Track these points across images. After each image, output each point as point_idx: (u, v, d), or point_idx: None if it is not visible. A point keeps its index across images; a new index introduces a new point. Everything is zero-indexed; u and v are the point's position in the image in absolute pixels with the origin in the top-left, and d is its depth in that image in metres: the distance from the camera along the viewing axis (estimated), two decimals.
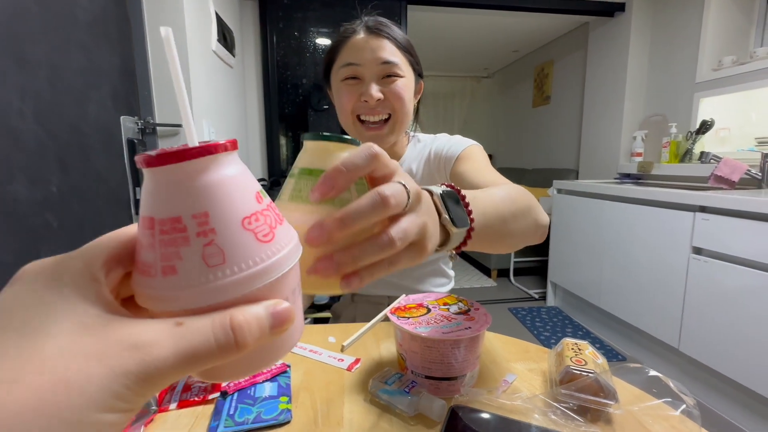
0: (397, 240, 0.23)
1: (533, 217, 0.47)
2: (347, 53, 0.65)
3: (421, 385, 0.45)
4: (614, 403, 0.40)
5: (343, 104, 0.67)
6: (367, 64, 0.63)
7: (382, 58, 0.63)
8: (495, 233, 0.40)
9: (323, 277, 0.23)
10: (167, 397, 0.45)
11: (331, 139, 0.26)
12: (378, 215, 0.23)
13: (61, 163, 0.93)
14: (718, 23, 1.99)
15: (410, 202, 0.25)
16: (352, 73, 0.65)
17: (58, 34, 0.92)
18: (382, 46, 0.64)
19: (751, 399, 1.28)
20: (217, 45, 1.64)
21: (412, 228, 0.25)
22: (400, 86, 0.65)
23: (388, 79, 0.65)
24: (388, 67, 0.64)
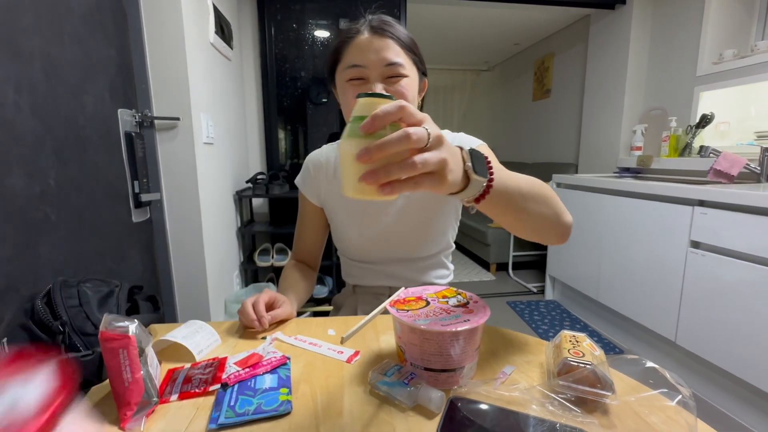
0: (419, 164, 0.32)
1: (554, 209, 0.53)
2: (352, 54, 0.65)
3: (420, 377, 0.45)
4: (611, 394, 0.41)
5: (350, 105, 0.67)
6: (371, 65, 0.63)
7: (387, 59, 0.63)
8: (512, 202, 0.46)
9: (367, 184, 0.33)
10: (168, 388, 0.45)
11: (374, 95, 0.35)
12: (403, 145, 0.32)
13: (58, 156, 0.92)
14: (719, 16, 1.98)
15: (431, 141, 0.34)
16: (357, 75, 0.65)
17: (52, 26, 0.91)
18: (386, 46, 0.63)
19: (747, 391, 1.30)
20: (214, 37, 1.62)
21: (432, 159, 0.33)
22: (405, 86, 0.65)
23: (393, 79, 0.64)
24: (393, 68, 0.64)
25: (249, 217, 2.23)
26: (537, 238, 0.57)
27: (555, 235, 0.56)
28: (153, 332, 0.59)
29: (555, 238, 0.57)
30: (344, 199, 0.78)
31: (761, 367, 1.21)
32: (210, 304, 1.53)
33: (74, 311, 0.48)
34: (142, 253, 1.31)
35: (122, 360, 0.40)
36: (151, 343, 0.45)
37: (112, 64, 1.16)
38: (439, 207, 0.76)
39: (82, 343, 0.47)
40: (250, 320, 0.59)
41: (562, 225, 0.55)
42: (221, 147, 1.75)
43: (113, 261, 1.14)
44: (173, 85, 1.34)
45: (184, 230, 1.44)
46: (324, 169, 0.80)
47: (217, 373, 0.47)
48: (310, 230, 0.86)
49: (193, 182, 1.42)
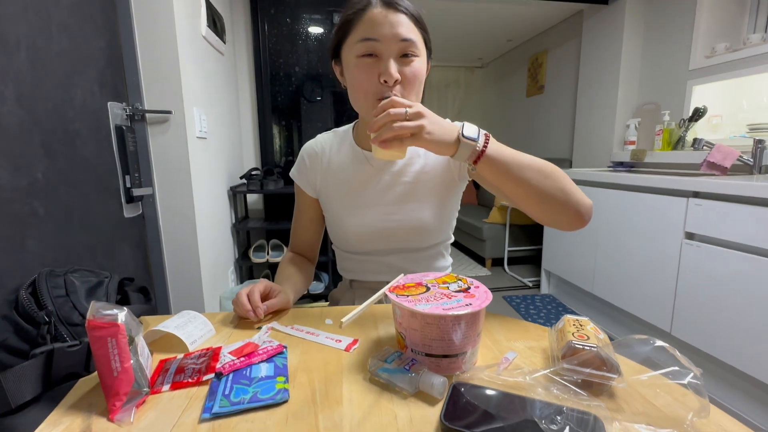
0: (396, 127, 0.51)
1: (560, 184, 0.56)
2: (364, 27, 0.61)
3: (421, 363, 0.44)
4: (617, 377, 0.40)
5: (360, 83, 0.63)
6: (385, 40, 0.60)
7: (402, 35, 0.60)
8: (510, 170, 0.55)
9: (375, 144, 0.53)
10: (159, 379, 0.44)
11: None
12: (386, 119, 0.51)
13: (46, 149, 0.90)
14: (711, 10, 1.99)
15: (410, 114, 0.52)
16: (369, 49, 0.61)
17: (38, 15, 0.89)
18: (400, 21, 0.61)
19: (743, 381, 1.30)
20: (206, 30, 1.59)
21: (409, 124, 0.51)
22: (417, 68, 0.63)
23: (405, 59, 0.62)
24: (407, 45, 0.61)
25: (244, 213, 2.21)
26: (549, 217, 0.58)
27: (566, 215, 0.57)
28: (144, 324, 0.58)
29: (567, 217, 0.57)
30: (341, 188, 0.77)
31: (756, 357, 1.22)
32: (204, 301, 1.50)
33: (60, 301, 0.46)
34: (134, 249, 1.28)
35: (111, 349, 0.38)
36: (141, 333, 0.43)
37: (102, 56, 1.13)
38: (438, 196, 0.75)
39: (68, 334, 0.45)
40: (245, 310, 0.58)
41: (573, 204, 0.56)
42: (215, 142, 1.72)
43: (104, 257, 1.11)
44: (165, 78, 1.31)
45: (178, 226, 1.41)
46: (319, 159, 0.79)
47: (210, 362, 0.45)
48: (306, 221, 0.84)
49: (186, 177, 1.39)
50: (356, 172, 0.75)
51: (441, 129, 0.53)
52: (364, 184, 0.75)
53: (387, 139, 0.51)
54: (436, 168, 0.74)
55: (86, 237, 1.03)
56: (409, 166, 0.74)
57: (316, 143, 0.81)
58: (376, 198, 0.74)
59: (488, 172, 0.55)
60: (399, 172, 0.74)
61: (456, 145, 0.54)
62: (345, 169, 0.76)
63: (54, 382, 0.42)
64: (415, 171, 0.74)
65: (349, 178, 0.76)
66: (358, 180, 0.75)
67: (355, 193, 0.75)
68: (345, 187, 0.76)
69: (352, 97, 0.68)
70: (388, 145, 0.52)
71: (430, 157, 0.75)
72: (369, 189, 0.75)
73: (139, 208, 1.31)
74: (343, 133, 0.80)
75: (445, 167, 0.74)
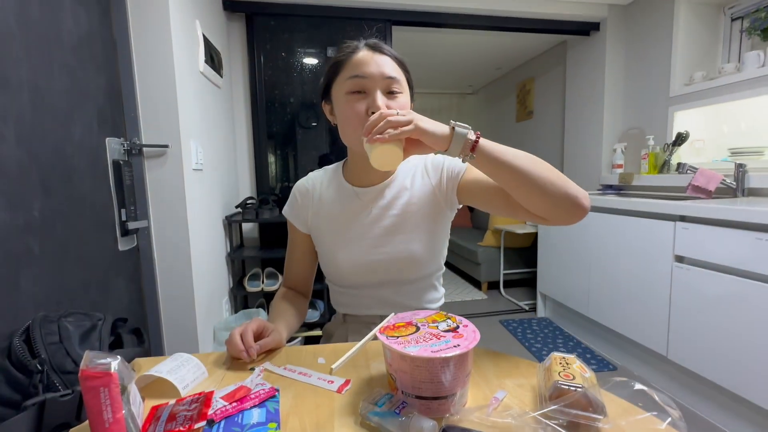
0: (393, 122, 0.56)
1: (554, 173, 0.58)
2: (352, 67, 0.67)
3: (411, 406, 0.45)
4: (603, 417, 0.41)
5: (350, 117, 0.67)
6: (372, 77, 0.66)
7: (387, 73, 0.66)
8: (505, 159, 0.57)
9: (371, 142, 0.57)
10: (151, 427, 0.44)
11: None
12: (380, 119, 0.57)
13: (43, 186, 0.91)
14: (687, 41, 2.09)
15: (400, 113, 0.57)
16: (357, 86, 0.67)
17: (41, 57, 0.92)
18: (385, 62, 0.67)
19: (739, 405, 1.30)
20: (204, 66, 1.65)
21: (401, 119, 0.56)
22: (402, 103, 0.68)
23: (391, 95, 0.67)
24: (392, 82, 0.67)
25: (239, 242, 2.21)
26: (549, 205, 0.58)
27: (566, 202, 0.58)
28: (137, 367, 0.58)
29: (566, 204, 0.58)
30: (331, 223, 0.78)
31: (750, 380, 1.22)
32: (198, 332, 1.49)
33: (54, 348, 0.47)
34: (128, 283, 1.28)
35: (103, 399, 0.39)
36: (134, 380, 0.43)
37: (101, 93, 1.17)
38: (427, 227, 0.77)
39: (61, 382, 0.45)
40: (238, 351, 0.58)
41: (571, 191, 0.58)
42: (211, 172, 1.75)
43: (98, 292, 1.11)
44: (163, 113, 1.35)
45: (172, 257, 1.42)
46: (310, 195, 0.81)
47: (202, 408, 0.46)
48: (299, 256, 0.85)
49: (182, 208, 1.41)
50: (346, 206, 0.78)
51: (433, 123, 0.58)
52: (353, 218, 0.77)
53: (382, 131, 0.55)
54: (423, 199, 0.76)
55: (81, 272, 1.03)
56: (397, 199, 0.76)
57: (307, 181, 0.83)
58: (365, 231, 0.76)
59: (484, 162, 0.58)
60: (386, 206, 0.76)
61: (450, 136, 0.57)
62: (335, 204, 0.79)
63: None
64: (403, 203, 0.76)
65: (339, 212, 0.78)
66: (348, 214, 0.77)
67: (345, 227, 0.77)
68: (335, 222, 0.78)
69: (342, 131, 0.71)
70: (384, 138, 0.54)
71: (416, 189, 0.77)
72: (358, 223, 0.77)
73: (134, 241, 1.32)
74: (333, 170, 0.83)
75: (431, 197, 0.76)
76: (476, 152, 0.57)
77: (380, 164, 0.57)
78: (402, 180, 0.77)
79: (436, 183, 0.76)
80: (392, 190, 0.77)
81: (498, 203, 0.67)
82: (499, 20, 2.39)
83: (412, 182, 0.77)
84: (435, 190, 0.76)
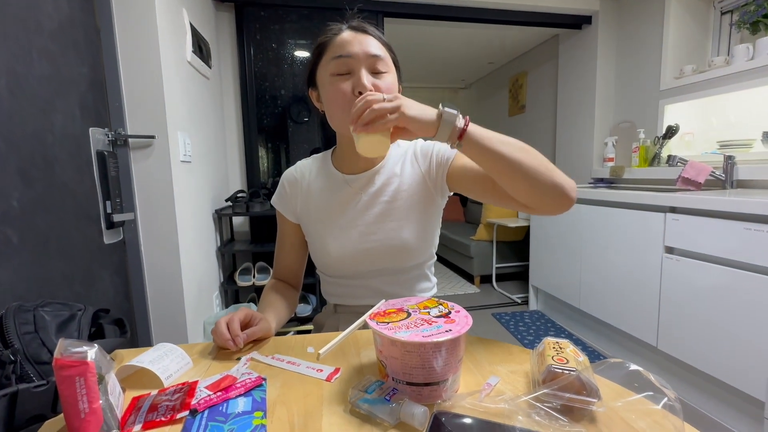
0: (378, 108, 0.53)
1: (541, 161, 0.57)
2: (336, 47, 0.66)
3: (402, 392, 0.44)
4: (597, 401, 0.40)
5: (336, 99, 0.65)
6: (356, 56, 0.64)
7: (371, 51, 0.64)
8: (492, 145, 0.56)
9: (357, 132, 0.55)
10: (131, 418, 0.42)
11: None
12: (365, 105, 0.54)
13: (22, 175, 0.88)
14: (677, 35, 2.10)
15: (387, 98, 0.54)
16: (342, 66, 0.65)
17: (17, 41, 0.89)
18: (368, 41, 0.65)
19: (727, 393, 1.31)
20: (192, 56, 1.61)
21: (387, 105, 0.53)
22: (389, 81, 0.66)
23: (377, 75, 0.65)
24: (376, 61, 0.65)
25: (229, 236, 2.18)
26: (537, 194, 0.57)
27: (553, 191, 0.57)
28: (119, 357, 0.56)
29: (554, 193, 0.57)
30: (321, 212, 0.77)
31: (738, 369, 1.24)
32: (188, 327, 1.46)
33: (28, 338, 0.45)
34: (113, 276, 1.25)
35: (78, 389, 0.37)
36: (113, 370, 0.42)
37: (84, 82, 1.13)
38: (418, 214, 0.75)
39: (35, 373, 0.43)
40: (224, 340, 0.56)
41: (558, 179, 0.57)
42: (199, 165, 1.71)
43: (82, 285, 1.08)
44: (148, 103, 1.31)
45: (160, 251, 1.39)
46: (299, 184, 0.79)
47: (186, 398, 0.44)
48: (289, 247, 0.84)
49: (170, 201, 1.38)
50: (335, 194, 0.76)
51: (420, 108, 0.56)
52: (343, 205, 0.75)
53: (370, 121, 0.53)
54: (413, 186, 0.75)
55: (63, 265, 1.00)
56: (387, 185, 0.75)
57: (296, 170, 0.82)
58: (356, 219, 0.75)
59: (471, 148, 0.56)
60: (377, 193, 0.75)
61: (437, 121, 0.55)
62: (324, 192, 0.77)
63: (18, 425, 0.40)
64: (393, 190, 0.75)
65: (329, 201, 0.76)
66: (338, 202, 0.76)
67: (335, 215, 0.76)
68: (325, 210, 0.76)
69: (329, 115, 0.69)
70: (371, 128, 0.53)
71: (407, 176, 0.75)
72: (348, 210, 0.75)
73: (119, 234, 1.29)
74: (322, 158, 0.81)
75: (421, 184, 0.75)
76: (464, 140, 0.55)
77: (367, 152, 0.56)
78: (392, 166, 0.76)
79: (426, 170, 0.75)
80: (382, 176, 0.75)
81: (485, 190, 0.66)
82: (492, 13, 2.37)
83: (402, 169, 0.76)
84: (425, 176, 0.75)
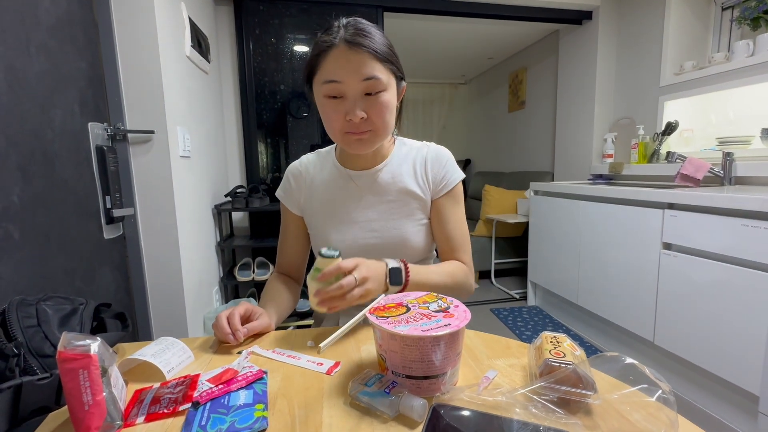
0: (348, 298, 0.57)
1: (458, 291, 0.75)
2: (328, 68, 0.63)
3: (401, 385, 0.44)
4: (593, 394, 0.40)
5: (328, 121, 0.67)
6: (348, 81, 0.62)
7: (363, 74, 0.62)
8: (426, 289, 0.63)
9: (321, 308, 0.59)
10: (134, 410, 0.43)
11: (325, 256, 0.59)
12: (339, 292, 0.56)
13: (23, 171, 0.88)
14: (678, 30, 2.10)
15: (359, 281, 0.58)
16: (334, 91, 0.63)
17: (16, 37, 0.88)
18: (362, 61, 0.62)
19: (722, 387, 1.33)
20: (191, 50, 1.60)
21: (357, 293, 0.58)
22: (383, 103, 0.64)
23: (371, 96, 0.63)
24: (370, 84, 0.62)
25: (229, 231, 2.18)
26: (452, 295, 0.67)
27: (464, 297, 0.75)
28: (120, 351, 0.56)
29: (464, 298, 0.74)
30: (325, 206, 0.77)
31: (734, 364, 1.25)
32: (188, 322, 1.47)
33: (31, 331, 0.45)
34: (114, 271, 1.25)
35: (82, 381, 0.37)
36: (115, 363, 0.42)
37: (83, 77, 1.13)
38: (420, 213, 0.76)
39: (39, 366, 0.43)
40: (225, 334, 0.57)
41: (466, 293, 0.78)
42: (199, 160, 1.71)
43: (83, 280, 1.09)
44: (147, 98, 1.31)
45: (160, 246, 1.39)
46: (303, 178, 0.80)
47: (188, 391, 0.44)
48: (292, 240, 0.84)
49: (169, 196, 1.38)
50: (340, 190, 0.77)
51: (378, 285, 0.62)
52: (347, 201, 0.76)
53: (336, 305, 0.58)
54: (415, 186, 0.77)
55: (64, 260, 1.01)
56: (390, 184, 0.76)
57: (300, 163, 0.82)
58: (360, 215, 0.75)
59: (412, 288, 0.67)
60: (380, 190, 0.75)
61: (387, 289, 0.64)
62: (328, 187, 0.77)
63: (22, 417, 0.41)
64: (396, 189, 0.75)
65: (333, 196, 0.77)
66: (342, 198, 0.76)
67: (339, 210, 0.76)
68: (329, 205, 0.77)
69: (325, 127, 0.70)
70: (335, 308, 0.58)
71: (410, 176, 0.76)
72: (352, 206, 0.76)
73: (119, 229, 1.29)
74: (326, 153, 0.82)
75: (422, 188, 0.77)
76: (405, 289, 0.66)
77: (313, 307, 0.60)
78: (397, 166, 0.77)
79: (422, 180, 0.77)
80: (385, 174, 0.76)
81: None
82: (492, 8, 2.36)
83: (406, 168, 0.77)
84: (424, 184, 0.77)
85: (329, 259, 0.58)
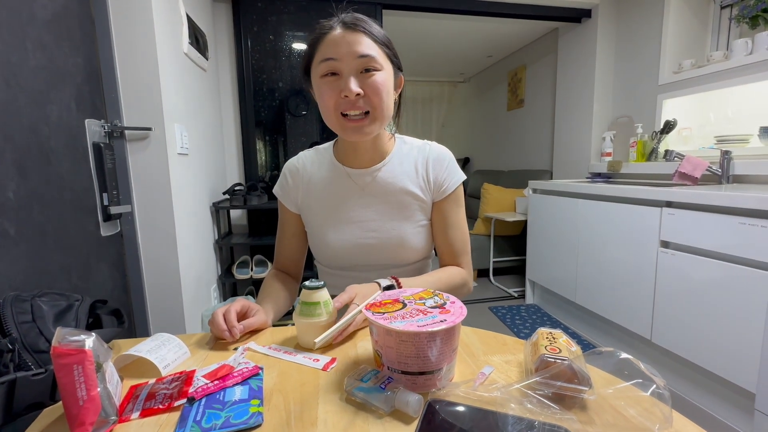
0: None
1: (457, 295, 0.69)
2: (325, 49, 0.65)
3: (397, 381, 0.44)
4: (588, 389, 0.41)
5: (324, 101, 0.66)
6: (344, 58, 0.63)
7: (359, 51, 0.63)
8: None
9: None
10: (129, 406, 0.42)
11: (311, 288, 0.58)
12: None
13: (19, 167, 0.88)
14: (676, 29, 2.10)
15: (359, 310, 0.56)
16: (330, 69, 0.64)
17: (11, 32, 0.88)
18: (358, 40, 0.64)
19: (719, 385, 1.33)
20: (188, 47, 1.60)
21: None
22: (379, 81, 0.65)
23: (367, 73, 0.64)
24: (366, 61, 0.64)
25: (227, 229, 2.18)
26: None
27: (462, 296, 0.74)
28: (116, 347, 0.56)
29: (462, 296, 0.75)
30: (322, 203, 0.77)
31: (730, 361, 1.25)
32: (186, 319, 1.47)
33: (26, 327, 0.45)
34: (111, 269, 1.25)
35: (76, 376, 0.37)
36: (110, 358, 0.42)
37: (79, 73, 1.12)
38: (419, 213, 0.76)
39: (33, 361, 0.43)
40: (221, 330, 0.57)
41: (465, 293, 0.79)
42: (197, 158, 1.71)
43: (79, 277, 1.08)
44: (145, 95, 1.30)
45: (157, 243, 1.39)
46: (301, 175, 0.80)
47: (183, 387, 0.44)
48: (290, 237, 0.84)
49: (167, 194, 1.38)
50: (338, 188, 0.76)
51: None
52: (345, 199, 0.76)
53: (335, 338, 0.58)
54: (415, 186, 0.76)
55: (60, 257, 1.00)
56: (389, 183, 0.75)
57: (298, 160, 0.82)
58: (358, 214, 0.75)
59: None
60: (379, 189, 0.75)
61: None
62: (326, 185, 0.77)
63: (16, 413, 0.41)
64: (395, 189, 0.75)
65: (331, 193, 0.76)
66: (340, 196, 0.76)
67: (337, 208, 0.76)
68: (326, 203, 0.77)
69: (322, 113, 0.70)
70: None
71: (410, 176, 0.76)
72: (349, 204, 0.75)
73: (116, 226, 1.29)
74: (324, 150, 0.81)
75: (422, 188, 0.77)
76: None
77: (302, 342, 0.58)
78: (397, 165, 0.76)
79: (424, 179, 0.76)
80: (385, 173, 0.75)
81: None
82: (492, 5, 2.36)
83: (406, 168, 0.76)
84: (425, 186, 0.77)
85: (314, 291, 0.57)
